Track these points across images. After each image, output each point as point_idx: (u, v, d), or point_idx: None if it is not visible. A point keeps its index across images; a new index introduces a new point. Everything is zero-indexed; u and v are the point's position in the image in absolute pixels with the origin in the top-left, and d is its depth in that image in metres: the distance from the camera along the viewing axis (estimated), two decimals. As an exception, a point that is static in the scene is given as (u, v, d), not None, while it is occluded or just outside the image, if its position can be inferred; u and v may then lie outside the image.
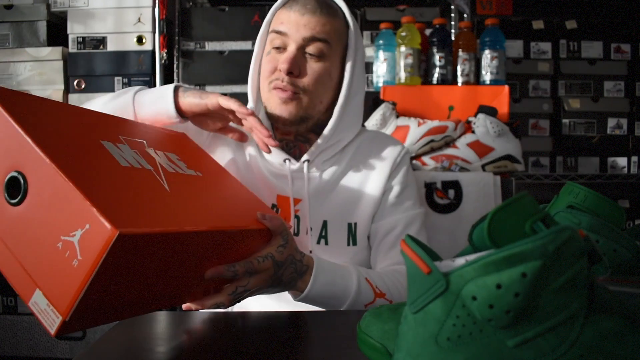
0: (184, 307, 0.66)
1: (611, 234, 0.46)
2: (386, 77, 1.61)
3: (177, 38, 1.82)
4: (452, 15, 1.89)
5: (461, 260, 0.35)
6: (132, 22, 1.76)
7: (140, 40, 1.76)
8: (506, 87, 1.54)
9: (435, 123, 1.42)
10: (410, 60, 1.56)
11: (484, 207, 1.32)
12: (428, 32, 1.68)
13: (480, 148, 1.41)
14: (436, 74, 1.60)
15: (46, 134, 0.51)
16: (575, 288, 0.31)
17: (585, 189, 0.50)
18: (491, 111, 1.43)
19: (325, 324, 0.68)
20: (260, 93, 0.93)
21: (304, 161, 0.91)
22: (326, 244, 0.90)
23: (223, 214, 0.67)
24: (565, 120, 1.87)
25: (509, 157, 1.42)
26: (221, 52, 1.83)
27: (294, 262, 0.76)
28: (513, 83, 1.85)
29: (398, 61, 1.59)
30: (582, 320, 0.31)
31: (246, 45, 1.84)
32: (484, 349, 0.31)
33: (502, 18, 1.70)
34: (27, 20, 1.76)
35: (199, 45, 1.84)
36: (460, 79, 1.60)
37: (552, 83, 1.90)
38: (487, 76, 1.60)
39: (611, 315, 0.32)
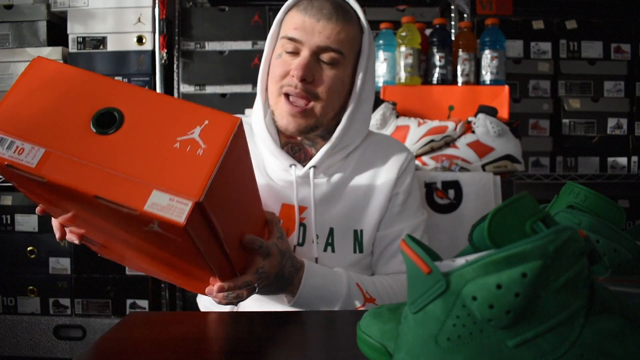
0: (213, 289, 0.67)
1: (611, 234, 0.46)
2: (386, 77, 1.61)
3: (177, 38, 1.82)
4: (452, 15, 1.89)
5: (461, 260, 0.35)
6: (132, 22, 1.76)
7: (140, 40, 1.76)
8: (506, 87, 1.54)
9: (435, 123, 1.42)
10: (410, 60, 1.56)
11: (484, 207, 1.32)
12: (428, 32, 1.68)
13: (480, 148, 1.41)
14: (436, 74, 1.60)
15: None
16: (576, 288, 0.31)
17: (585, 189, 0.50)
18: (491, 111, 1.43)
19: (325, 324, 0.68)
20: (268, 95, 0.90)
21: (310, 167, 0.89)
22: (332, 251, 0.89)
23: None
24: (565, 120, 1.87)
25: (509, 157, 1.42)
26: (221, 52, 1.83)
27: (291, 257, 0.78)
28: (513, 83, 1.85)
29: (398, 61, 1.59)
30: (582, 320, 0.31)
31: (246, 45, 1.83)
32: (484, 349, 0.31)
33: (502, 18, 1.70)
34: (27, 20, 1.76)
35: (199, 45, 1.84)
36: (460, 79, 1.60)
37: (552, 83, 1.89)
38: (487, 76, 1.60)
39: (611, 315, 0.32)
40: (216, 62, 1.82)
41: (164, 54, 1.76)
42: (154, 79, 1.76)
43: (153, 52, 1.76)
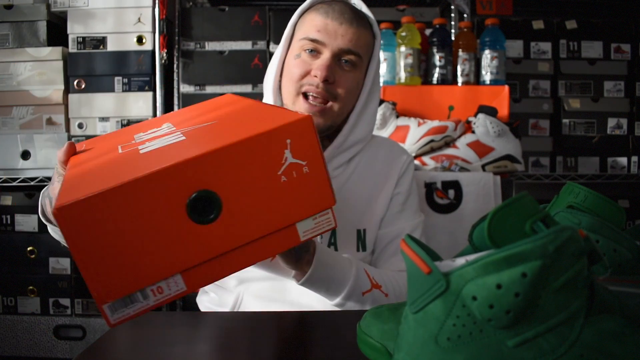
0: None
1: (611, 234, 0.46)
2: (386, 77, 1.61)
3: (177, 38, 1.82)
4: (452, 15, 1.89)
5: (461, 260, 0.35)
6: (132, 22, 1.76)
7: (140, 40, 1.76)
8: (506, 87, 1.54)
9: (435, 123, 1.42)
10: (410, 60, 1.56)
11: (484, 207, 1.32)
12: (428, 32, 1.68)
13: (480, 148, 1.41)
14: (436, 74, 1.60)
15: None
16: (575, 288, 0.31)
17: (585, 189, 0.50)
18: (491, 111, 1.43)
19: (325, 324, 0.68)
20: (282, 94, 0.92)
21: None
22: (336, 250, 0.90)
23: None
24: (565, 120, 1.87)
25: (509, 157, 1.42)
26: (221, 52, 1.83)
27: None
28: (513, 83, 1.85)
29: (398, 61, 1.59)
30: (582, 320, 0.31)
31: (246, 45, 1.83)
32: (484, 349, 0.31)
33: (502, 18, 1.70)
34: (27, 20, 1.76)
35: (199, 45, 1.84)
36: (460, 79, 1.60)
37: (552, 83, 1.89)
38: (487, 76, 1.60)
39: (611, 315, 0.32)
40: (216, 62, 1.82)
41: (164, 54, 1.76)
42: (154, 79, 1.76)
43: (153, 52, 1.76)
